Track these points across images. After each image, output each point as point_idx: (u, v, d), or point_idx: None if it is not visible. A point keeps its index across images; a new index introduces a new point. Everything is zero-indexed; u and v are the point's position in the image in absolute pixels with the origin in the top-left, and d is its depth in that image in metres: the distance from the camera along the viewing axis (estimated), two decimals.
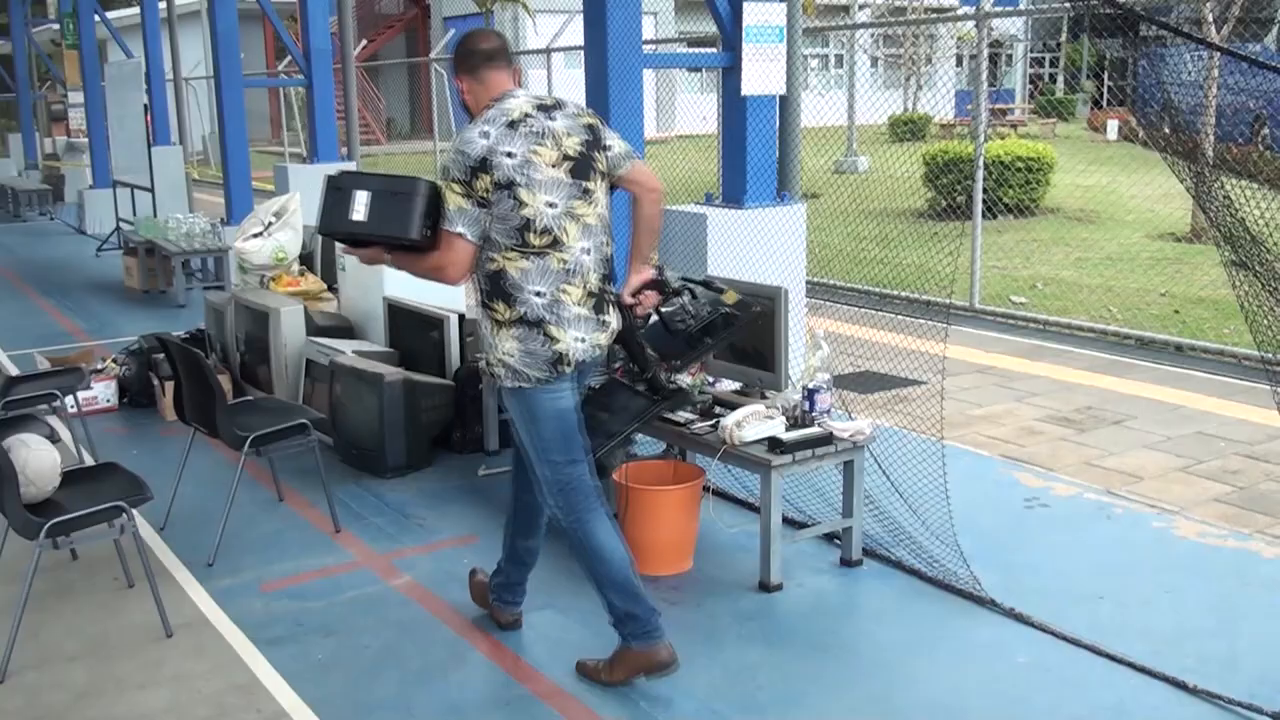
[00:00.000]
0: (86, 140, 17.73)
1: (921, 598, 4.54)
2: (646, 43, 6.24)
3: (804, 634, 4.28)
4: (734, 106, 6.51)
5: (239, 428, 5.11)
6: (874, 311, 9.28)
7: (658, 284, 4.00)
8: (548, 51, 15.12)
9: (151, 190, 13.30)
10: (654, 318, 4.11)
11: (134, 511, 4.34)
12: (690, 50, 16.51)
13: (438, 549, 5.15)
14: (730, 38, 6.39)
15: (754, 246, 6.06)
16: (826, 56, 31.03)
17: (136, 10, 17.12)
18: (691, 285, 4.14)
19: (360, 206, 3.78)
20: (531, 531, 4.24)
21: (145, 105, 14.76)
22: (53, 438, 4.91)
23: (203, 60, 22.17)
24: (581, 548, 3.91)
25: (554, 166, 3.74)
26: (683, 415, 4.85)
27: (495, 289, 3.79)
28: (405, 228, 3.71)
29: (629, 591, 3.88)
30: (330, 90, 10.69)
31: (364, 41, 24.66)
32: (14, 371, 6.99)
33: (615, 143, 3.92)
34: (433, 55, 20.24)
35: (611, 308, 3.91)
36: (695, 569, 4.81)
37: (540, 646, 4.23)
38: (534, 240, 3.72)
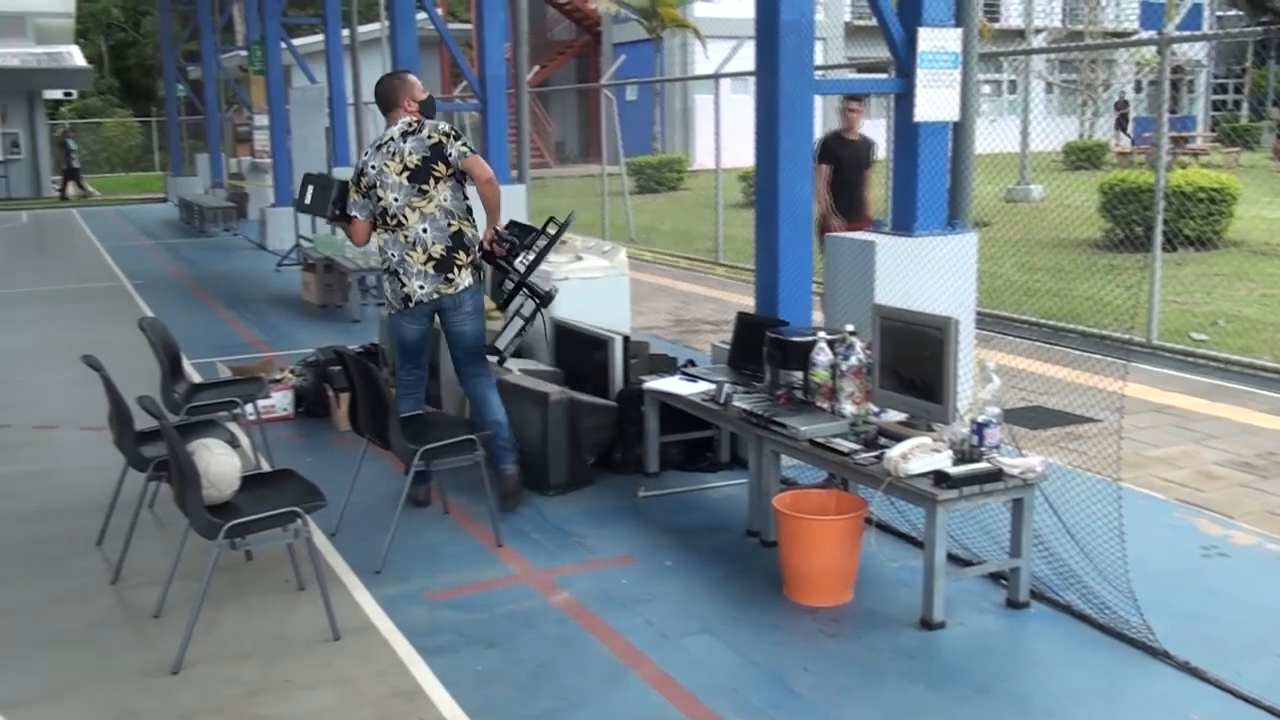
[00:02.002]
0: (270, 161, 18.47)
1: (1090, 644, 4.38)
2: (816, 68, 6.19)
3: (967, 675, 4.17)
4: (906, 133, 6.42)
5: (409, 440, 5.25)
6: (1046, 345, 9.02)
7: (498, 238, 5.94)
8: (715, 77, 15.18)
9: None
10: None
11: (308, 517, 4.49)
12: (861, 76, 16.39)
13: (596, 568, 5.18)
14: (904, 63, 6.30)
15: (923, 275, 5.95)
16: (1000, 82, 30.39)
17: (321, 38, 17.79)
18: (514, 237, 6.12)
19: (308, 195, 6.25)
20: (475, 410, 6.03)
21: (327, 128, 15.36)
22: (233, 443, 5.11)
23: None
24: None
25: (398, 175, 5.71)
26: (846, 445, 4.80)
27: (379, 250, 5.91)
28: (323, 209, 6.10)
29: None
30: (504, 115, 10.92)
31: (536, 67, 25.18)
32: (198, 379, 7.31)
33: (454, 150, 5.69)
34: (603, 80, 20.53)
35: (463, 270, 5.76)
36: (855, 602, 4.73)
37: (697, 672, 4.21)
38: (389, 221, 5.77)
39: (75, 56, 33.20)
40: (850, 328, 5.18)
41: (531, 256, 6.19)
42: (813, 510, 4.81)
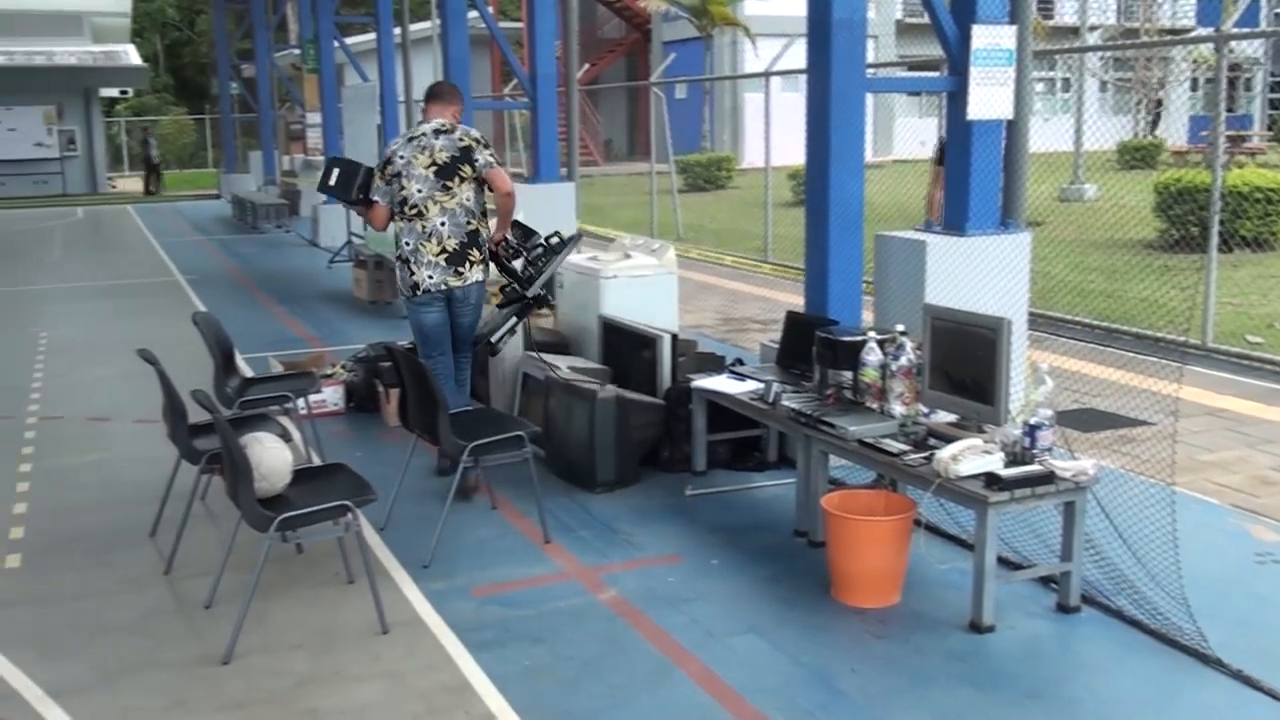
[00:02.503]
0: (322, 158, 18.61)
1: (1142, 650, 4.32)
2: (867, 66, 6.17)
3: (1017, 680, 4.13)
4: (959, 131, 6.37)
5: (458, 436, 5.28)
6: (1099, 347, 8.92)
7: (505, 243, 6.37)
8: (766, 75, 15.13)
9: None
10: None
11: (358, 511, 4.52)
12: (913, 74, 16.28)
13: (643, 565, 5.19)
14: (957, 61, 6.25)
15: (975, 275, 5.90)
16: (1053, 80, 30.06)
17: (373, 36, 17.90)
18: (524, 245, 6.45)
19: (333, 177, 6.40)
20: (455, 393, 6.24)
21: (378, 125, 15.45)
22: (285, 437, 5.15)
23: None
24: None
25: (425, 168, 6.08)
26: (896, 446, 4.77)
27: (395, 238, 6.34)
28: (347, 192, 6.31)
29: None
30: (554, 113, 10.95)
31: (585, 65, 25.21)
32: (250, 373, 7.39)
33: (482, 157, 6.12)
34: (653, 79, 20.52)
35: (475, 266, 6.15)
36: (903, 604, 4.70)
37: (744, 671, 4.20)
38: (408, 211, 6.13)
39: (131, 55, 33.67)
40: (901, 328, 5.15)
41: (530, 258, 6.46)
42: (861, 511, 4.79)
